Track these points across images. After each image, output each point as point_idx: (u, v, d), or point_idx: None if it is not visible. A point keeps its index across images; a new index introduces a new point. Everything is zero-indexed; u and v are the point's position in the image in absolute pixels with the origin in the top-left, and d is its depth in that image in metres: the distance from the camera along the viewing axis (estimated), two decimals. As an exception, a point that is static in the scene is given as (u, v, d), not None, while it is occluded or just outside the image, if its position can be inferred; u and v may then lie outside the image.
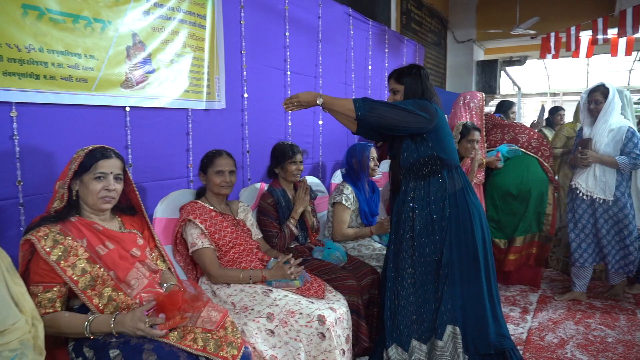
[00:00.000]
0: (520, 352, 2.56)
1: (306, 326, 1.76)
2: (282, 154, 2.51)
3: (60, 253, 1.41)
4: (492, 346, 1.97)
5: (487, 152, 3.55)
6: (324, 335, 1.77)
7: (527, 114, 12.97)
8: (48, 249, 1.39)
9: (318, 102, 1.97)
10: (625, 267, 3.10)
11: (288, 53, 3.25)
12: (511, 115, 4.19)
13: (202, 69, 2.54)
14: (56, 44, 1.81)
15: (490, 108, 6.21)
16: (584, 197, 3.10)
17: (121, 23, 2.06)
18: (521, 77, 11.32)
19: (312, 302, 1.89)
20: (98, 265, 1.47)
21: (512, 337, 2.74)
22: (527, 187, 3.49)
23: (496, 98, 7.91)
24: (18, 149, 1.76)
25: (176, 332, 1.41)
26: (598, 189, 3.03)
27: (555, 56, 6.56)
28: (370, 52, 4.49)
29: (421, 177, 2.02)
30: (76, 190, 1.54)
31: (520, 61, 8.89)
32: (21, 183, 1.77)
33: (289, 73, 3.26)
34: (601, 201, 3.04)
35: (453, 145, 2.10)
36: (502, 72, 9.17)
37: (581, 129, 3.21)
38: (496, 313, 2.04)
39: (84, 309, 1.45)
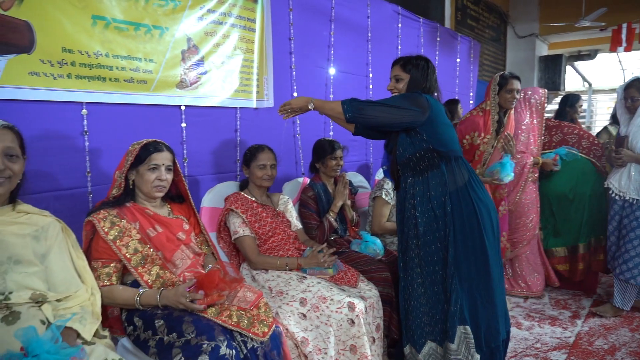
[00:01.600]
0: (565, 356, 2.50)
1: (336, 312, 1.84)
2: (322, 150, 2.61)
3: (116, 233, 1.60)
4: (501, 338, 1.96)
5: (543, 154, 3.41)
6: (353, 322, 1.84)
7: (600, 111, 12.11)
8: (106, 230, 1.59)
9: (310, 107, 1.95)
10: (629, 274, 2.84)
11: (332, 52, 3.33)
12: (578, 110, 3.99)
13: (251, 69, 2.70)
14: (120, 50, 2.02)
15: (553, 106, 5.89)
16: (617, 197, 2.92)
17: (177, 29, 2.25)
18: (592, 73, 10.59)
19: (344, 290, 1.98)
20: (148, 246, 1.65)
21: (558, 341, 2.68)
22: (582, 189, 3.35)
23: (560, 95, 7.52)
24: (87, 143, 1.99)
25: (214, 309, 1.55)
26: (632, 188, 2.82)
27: (627, 49, 6.17)
28: (422, 50, 4.47)
29: (419, 172, 1.95)
30: (132, 179, 1.73)
31: (590, 55, 8.30)
32: (90, 174, 2.00)
33: (333, 72, 3.34)
34: (633, 201, 2.83)
35: (452, 136, 1.99)
36: (570, 67, 8.66)
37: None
38: (504, 308, 2.02)
39: (135, 285, 1.64)
